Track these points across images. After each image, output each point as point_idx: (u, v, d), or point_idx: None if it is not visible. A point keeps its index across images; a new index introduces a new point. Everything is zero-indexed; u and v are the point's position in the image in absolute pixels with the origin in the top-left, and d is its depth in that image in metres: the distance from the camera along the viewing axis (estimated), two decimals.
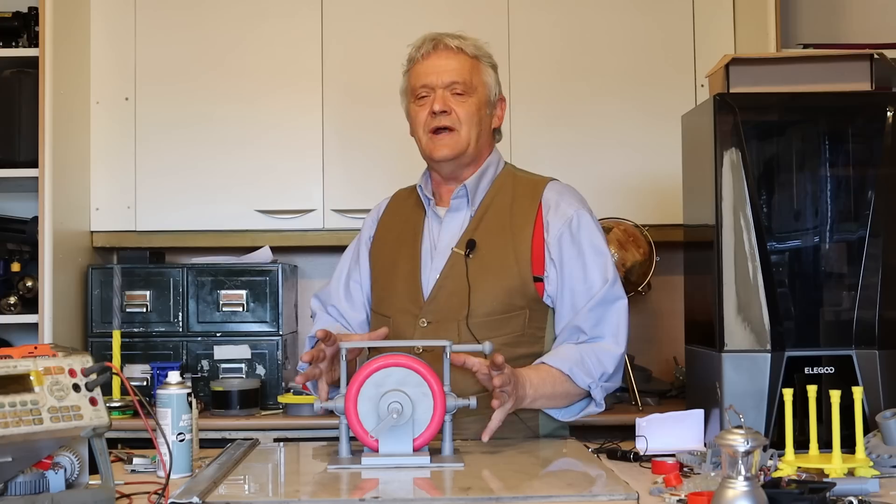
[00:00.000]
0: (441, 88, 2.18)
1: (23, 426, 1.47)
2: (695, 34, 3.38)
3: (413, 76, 2.22)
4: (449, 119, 2.18)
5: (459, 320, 2.12)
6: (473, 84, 2.20)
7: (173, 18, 3.38)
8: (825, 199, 2.10)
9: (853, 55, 2.18)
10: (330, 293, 2.35)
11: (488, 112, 2.24)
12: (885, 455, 1.80)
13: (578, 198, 2.23)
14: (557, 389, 2.06)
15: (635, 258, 3.11)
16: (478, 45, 2.23)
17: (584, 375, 2.06)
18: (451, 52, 2.19)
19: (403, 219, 2.31)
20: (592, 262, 2.14)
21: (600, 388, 2.09)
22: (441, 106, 2.17)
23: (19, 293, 3.25)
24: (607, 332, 2.11)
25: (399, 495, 1.64)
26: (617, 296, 2.14)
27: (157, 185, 3.35)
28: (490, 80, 2.24)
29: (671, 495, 1.59)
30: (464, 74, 2.18)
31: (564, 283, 2.14)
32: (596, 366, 2.08)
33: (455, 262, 2.17)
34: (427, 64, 2.20)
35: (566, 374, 2.05)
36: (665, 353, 3.44)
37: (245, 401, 3.06)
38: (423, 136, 2.20)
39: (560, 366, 2.06)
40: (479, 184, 2.23)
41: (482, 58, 2.23)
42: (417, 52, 2.21)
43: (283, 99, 3.37)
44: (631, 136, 3.35)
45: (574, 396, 2.10)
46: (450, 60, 2.19)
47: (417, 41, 2.23)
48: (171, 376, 1.85)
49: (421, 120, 2.20)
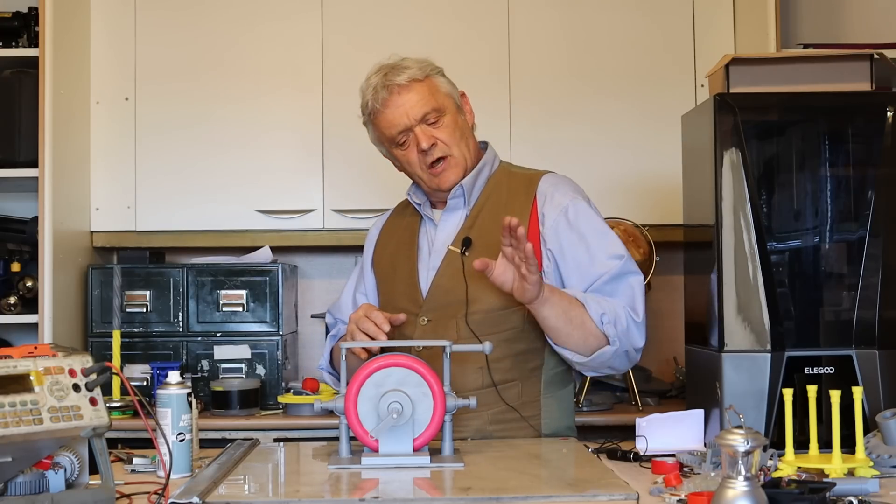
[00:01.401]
0: (417, 125, 2.17)
1: (23, 426, 1.47)
2: (695, 34, 3.38)
3: (383, 126, 2.20)
4: (439, 150, 2.18)
5: (458, 317, 2.13)
6: (440, 104, 2.18)
7: (173, 18, 3.38)
8: (825, 199, 2.10)
9: (853, 55, 2.18)
10: (340, 307, 2.39)
11: (462, 118, 2.24)
12: (885, 455, 1.80)
13: (574, 187, 2.23)
14: (573, 311, 2.03)
15: (635, 258, 3.10)
16: (419, 62, 2.20)
17: (597, 306, 2.04)
18: (405, 88, 2.17)
19: (403, 225, 2.34)
20: (597, 243, 2.13)
21: (614, 330, 2.05)
22: (427, 142, 2.16)
23: (19, 293, 3.25)
24: (624, 302, 2.09)
25: (399, 495, 1.64)
26: (630, 269, 2.12)
27: (157, 185, 3.35)
28: (447, 87, 2.22)
29: (671, 495, 1.59)
30: (429, 102, 2.17)
31: (569, 269, 2.13)
32: (614, 308, 2.05)
33: (451, 260, 2.17)
34: (391, 110, 2.17)
35: (580, 301, 2.04)
36: (665, 353, 3.44)
37: (245, 401, 3.06)
38: (424, 175, 2.21)
39: (574, 294, 2.05)
40: (475, 183, 2.24)
41: (431, 73, 2.21)
42: (375, 102, 2.18)
43: (283, 99, 3.37)
44: (631, 136, 3.35)
45: (589, 336, 2.05)
46: (410, 95, 2.16)
47: (366, 92, 2.20)
48: (171, 376, 1.85)
49: (414, 161, 2.20)
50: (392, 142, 2.21)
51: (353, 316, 2.08)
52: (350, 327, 2.08)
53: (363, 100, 2.23)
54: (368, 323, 2.04)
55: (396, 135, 2.19)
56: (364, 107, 2.23)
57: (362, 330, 2.03)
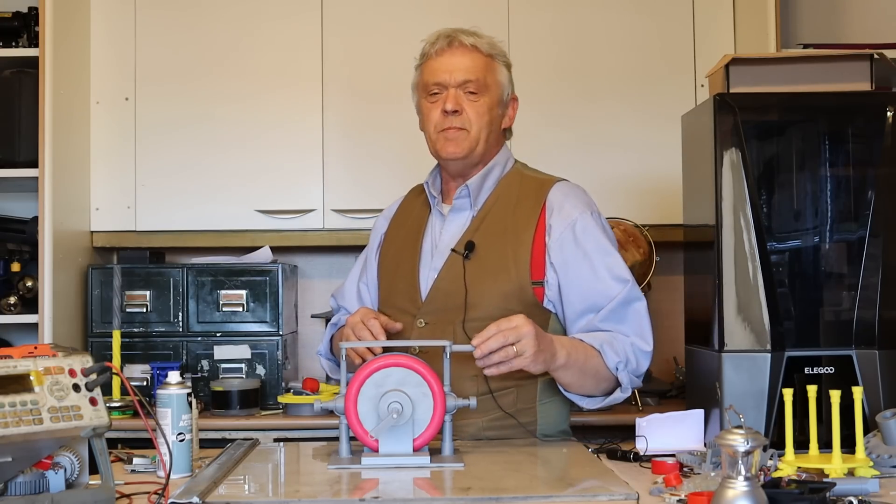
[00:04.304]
0: (454, 87, 2.16)
1: (23, 426, 1.47)
2: (695, 34, 3.38)
3: (426, 72, 2.20)
4: (460, 119, 2.16)
5: (456, 323, 2.11)
6: (487, 83, 2.18)
7: (173, 18, 3.38)
8: (825, 199, 2.10)
9: (853, 55, 2.18)
10: (344, 294, 2.38)
11: (500, 112, 2.22)
12: (885, 455, 1.80)
13: (585, 200, 2.20)
14: (589, 363, 2.03)
15: (635, 258, 3.11)
16: (493, 42, 2.21)
17: (613, 354, 2.04)
18: (465, 50, 2.17)
19: (412, 217, 2.32)
20: (601, 262, 2.12)
21: (627, 374, 2.06)
22: (453, 105, 2.15)
23: (19, 293, 3.25)
24: (631, 331, 2.09)
25: (399, 495, 1.64)
26: (636, 296, 2.11)
27: (157, 185, 3.35)
28: (503, 79, 2.22)
29: (671, 495, 1.59)
30: (477, 73, 2.16)
31: (571, 286, 2.11)
32: (625, 349, 2.05)
33: (453, 264, 2.16)
34: (440, 61, 2.18)
35: (597, 349, 2.03)
36: (665, 353, 3.43)
37: (245, 401, 3.05)
38: (433, 134, 2.19)
39: (591, 341, 2.04)
40: (484, 184, 2.22)
41: (497, 56, 2.21)
42: (431, 47, 2.19)
43: (283, 99, 3.37)
44: (631, 136, 3.35)
45: (601, 381, 2.06)
46: (464, 58, 2.17)
47: (432, 36, 2.21)
48: (171, 376, 1.85)
49: (433, 118, 2.19)
50: (425, 90, 2.20)
51: (351, 320, 2.08)
52: (346, 332, 2.08)
53: (425, 44, 2.22)
54: (365, 331, 2.04)
55: (432, 84, 2.18)
56: (422, 49, 2.23)
57: (358, 337, 2.03)
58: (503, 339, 1.88)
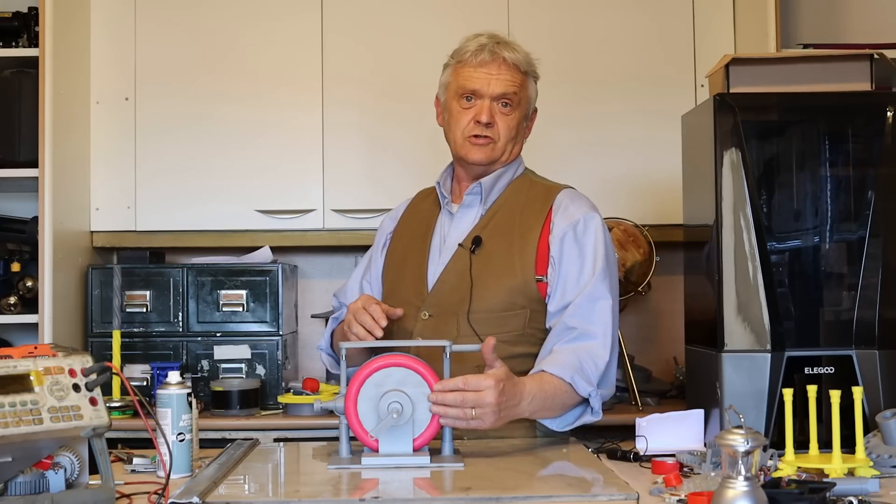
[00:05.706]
0: (490, 99, 2.19)
1: (23, 426, 1.47)
2: (695, 34, 3.38)
3: (463, 77, 2.21)
4: (491, 131, 2.20)
5: (459, 315, 2.13)
6: (519, 98, 2.22)
7: (173, 18, 3.38)
8: (825, 199, 2.10)
9: (853, 55, 2.18)
10: (346, 292, 2.39)
11: (525, 124, 2.28)
12: (885, 455, 1.80)
13: (590, 205, 2.23)
14: (557, 400, 2.01)
15: (635, 258, 3.11)
16: (529, 59, 2.24)
17: (585, 384, 2.02)
18: (504, 64, 2.19)
19: (420, 216, 2.34)
20: (591, 261, 2.13)
21: (598, 397, 2.06)
22: (488, 118, 2.18)
23: (19, 293, 3.25)
24: (598, 330, 2.07)
25: (399, 495, 1.64)
26: (600, 294, 2.09)
27: (157, 185, 3.35)
28: (532, 93, 2.26)
29: (671, 495, 1.59)
30: (513, 89, 2.20)
31: (559, 277, 2.13)
32: (594, 372, 2.04)
33: (460, 257, 2.18)
34: (481, 71, 2.19)
35: (568, 383, 2.02)
36: (665, 353, 3.44)
37: (245, 401, 3.05)
38: (460, 138, 2.22)
39: (562, 374, 2.02)
40: (496, 184, 2.25)
41: (530, 73, 2.25)
42: (474, 56, 2.20)
43: (283, 99, 3.36)
44: (631, 136, 3.35)
45: (570, 406, 2.06)
46: (504, 74, 2.19)
47: (473, 43, 2.21)
48: (171, 376, 1.85)
49: (463, 123, 2.21)
50: (459, 93, 2.21)
51: (352, 307, 2.09)
52: (347, 318, 2.08)
53: (462, 46, 2.23)
54: (366, 316, 2.04)
55: (469, 91, 2.19)
56: (458, 51, 2.23)
57: (359, 322, 2.04)
58: (462, 401, 1.84)
